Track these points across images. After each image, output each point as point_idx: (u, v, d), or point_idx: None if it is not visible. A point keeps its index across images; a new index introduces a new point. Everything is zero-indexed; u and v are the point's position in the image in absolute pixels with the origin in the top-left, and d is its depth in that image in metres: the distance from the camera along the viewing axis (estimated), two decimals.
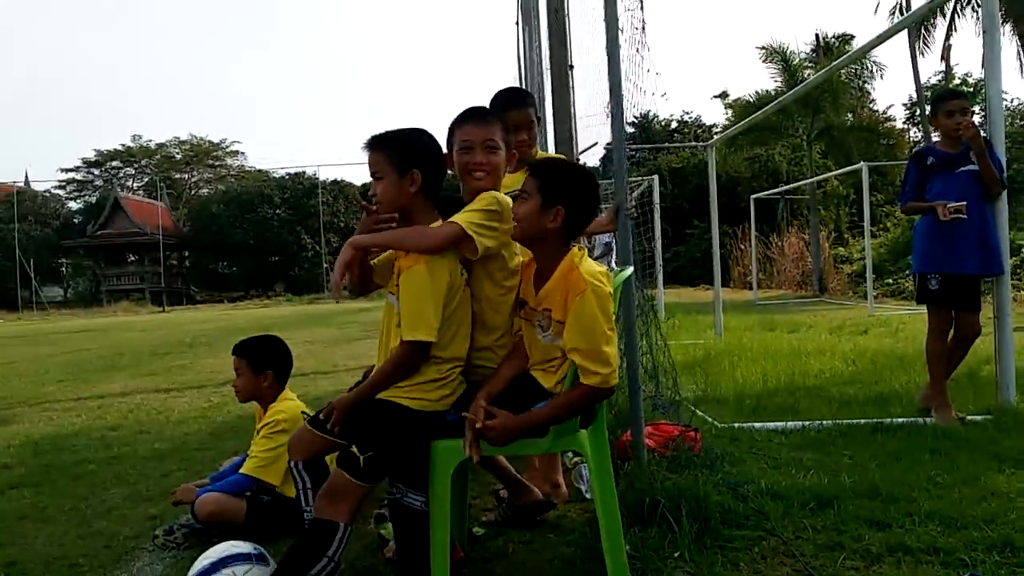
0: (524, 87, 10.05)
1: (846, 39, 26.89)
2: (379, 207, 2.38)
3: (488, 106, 3.06)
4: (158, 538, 3.07)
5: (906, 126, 35.13)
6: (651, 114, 41.76)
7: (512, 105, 3.16)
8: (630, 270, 2.44)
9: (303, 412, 3.19)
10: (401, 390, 2.22)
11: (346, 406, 2.23)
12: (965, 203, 4.25)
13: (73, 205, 53.73)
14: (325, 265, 43.09)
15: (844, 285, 21.16)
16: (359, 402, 2.23)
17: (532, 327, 2.33)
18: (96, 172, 54.67)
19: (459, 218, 2.27)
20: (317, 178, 45.81)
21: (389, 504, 2.38)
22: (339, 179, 47.79)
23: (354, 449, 2.19)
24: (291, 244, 44.98)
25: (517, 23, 13.56)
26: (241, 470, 3.13)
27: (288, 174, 48.26)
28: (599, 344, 2.16)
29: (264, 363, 3.28)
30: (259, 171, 52.73)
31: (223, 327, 18.23)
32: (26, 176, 51.54)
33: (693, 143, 34.45)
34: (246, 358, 3.29)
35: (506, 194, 2.43)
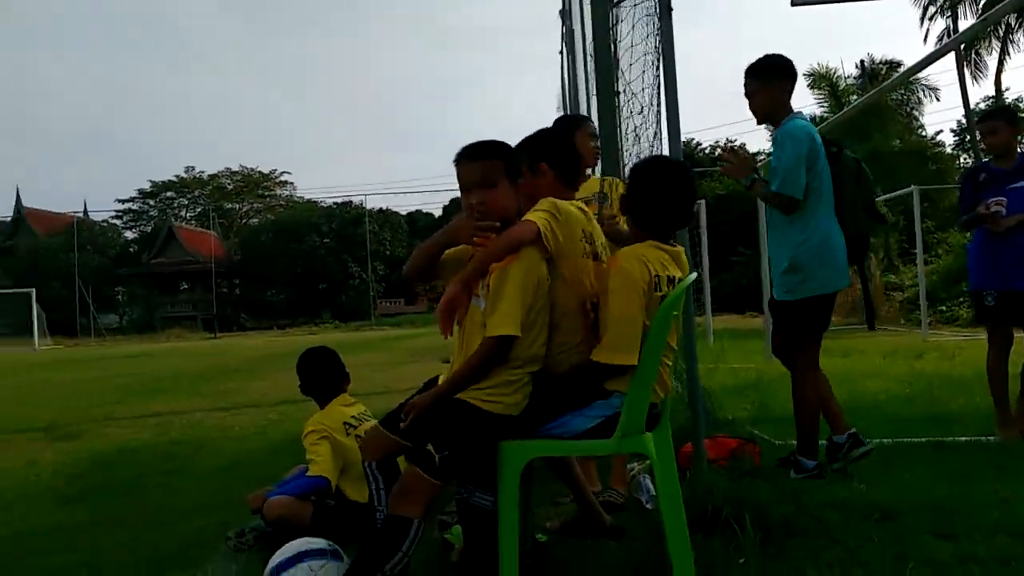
0: (567, 112, 10.20)
1: (893, 65, 26.67)
2: (486, 215, 2.38)
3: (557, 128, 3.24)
4: (230, 540, 3.16)
5: (955, 152, 34.57)
6: (693, 142, 41.80)
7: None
8: (693, 276, 2.48)
9: (345, 422, 3.31)
10: (479, 392, 2.26)
11: (423, 406, 2.27)
12: (1004, 199, 4.24)
13: (129, 235, 55.49)
14: (372, 293, 43.65)
15: (895, 313, 20.75)
16: (436, 401, 2.28)
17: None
18: (151, 203, 56.43)
19: (533, 216, 2.34)
20: (364, 207, 46.56)
21: (457, 503, 2.43)
22: (385, 208, 48.63)
23: (429, 447, 2.24)
24: (338, 272, 45.67)
25: (561, 52, 13.78)
26: (308, 473, 3.22)
27: (335, 203, 49.34)
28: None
29: (303, 382, 3.53)
30: (307, 201, 53.96)
31: (274, 353, 18.54)
32: (85, 207, 53.47)
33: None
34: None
35: (580, 199, 2.50)
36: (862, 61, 27.17)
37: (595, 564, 2.72)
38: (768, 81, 3.67)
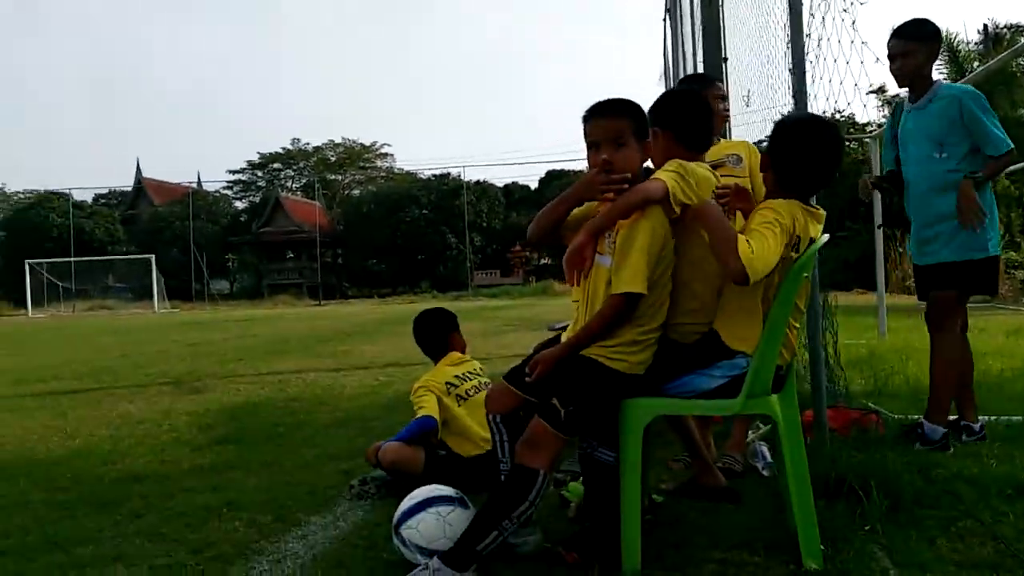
0: (670, 82, 9.97)
1: (1020, 29, 24.86)
2: (615, 172, 2.36)
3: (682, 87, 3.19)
4: (353, 487, 3.32)
5: None
6: None
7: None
8: (826, 237, 2.42)
9: (447, 382, 3.42)
10: (605, 349, 2.29)
11: (550, 360, 2.31)
12: None
13: (239, 205, 57.72)
14: (469, 264, 44.20)
15: (1015, 291, 19.58)
16: (563, 357, 2.32)
17: None
18: (259, 174, 58.54)
19: (662, 175, 2.33)
20: (462, 179, 46.98)
21: (580, 458, 2.48)
22: (482, 180, 48.92)
23: (555, 401, 2.29)
24: (437, 243, 46.37)
25: (664, 19, 13.50)
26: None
27: (434, 175, 49.90)
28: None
29: (417, 342, 3.75)
30: (407, 172, 54.89)
31: (377, 319, 19.09)
32: (199, 177, 55.98)
33: (854, 136, 32.83)
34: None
35: (710, 162, 2.49)
36: (985, 26, 25.44)
37: (714, 526, 2.72)
38: (925, 42, 3.66)
